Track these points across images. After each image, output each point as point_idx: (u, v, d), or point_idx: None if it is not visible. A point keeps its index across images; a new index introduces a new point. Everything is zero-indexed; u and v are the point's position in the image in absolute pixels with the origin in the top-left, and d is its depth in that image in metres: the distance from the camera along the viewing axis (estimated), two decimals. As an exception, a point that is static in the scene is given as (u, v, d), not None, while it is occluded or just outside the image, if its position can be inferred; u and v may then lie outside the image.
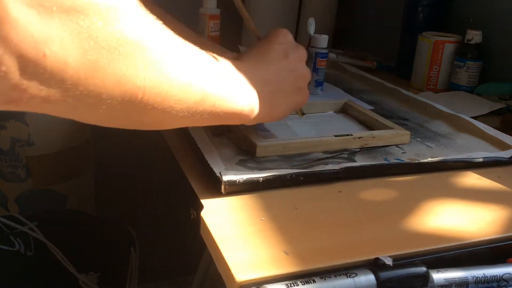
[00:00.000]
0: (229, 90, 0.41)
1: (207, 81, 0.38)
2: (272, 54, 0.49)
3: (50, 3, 0.25)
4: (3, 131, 0.92)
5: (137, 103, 0.32)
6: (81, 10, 0.26)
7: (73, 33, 0.26)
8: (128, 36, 0.29)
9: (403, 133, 0.63)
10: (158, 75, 0.33)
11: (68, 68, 0.27)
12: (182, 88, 0.35)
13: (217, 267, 0.40)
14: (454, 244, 0.42)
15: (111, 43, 0.28)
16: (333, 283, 0.35)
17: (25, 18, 0.24)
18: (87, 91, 0.28)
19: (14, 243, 0.77)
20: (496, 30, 0.89)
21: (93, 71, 0.28)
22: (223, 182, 0.47)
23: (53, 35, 0.25)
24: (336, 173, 0.51)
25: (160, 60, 0.33)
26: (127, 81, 0.30)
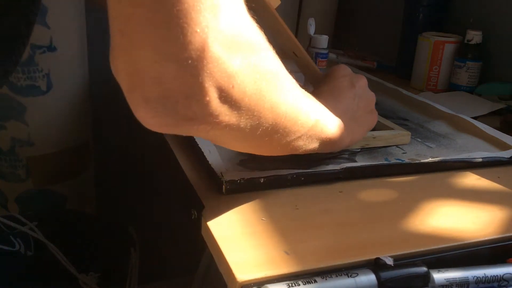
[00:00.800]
0: (328, 119, 0.47)
1: (316, 110, 0.44)
2: (342, 87, 0.55)
3: (237, 45, 0.31)
4: (3, 131, 0.92)
5: (280, 125, 0.38)
6: (253, 49, 0.33)
7: (248, 67, 0.33)
8: (273, 69, 0.36)
9: (403, 134, 0.63)
10: (293, 102, 0.39)
11: (245, 96, 0.33)
12: (305, 112, 0.41)
13: (218, 267, 0.40)
14: (455, 244, 0.42)
15: (268, 75, 0.35)
16: (334, 283, 0.35)
17: (223, 58, 0.30)
18: (253, 116, 0.35)
19: (14, 243, 0.77)
20: (496, 30, 0.90)
21: (258, 99, 0.34)
22: (224, 182, 0.47)
23: (238, 70, 0.32)
24: (337, 173, 0.51)
25: (292, 89, 0.39)
26: (276, 106, 0.37)
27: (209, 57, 0.29)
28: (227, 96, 0.32)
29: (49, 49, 0.90)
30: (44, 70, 0.90)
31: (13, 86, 0.89)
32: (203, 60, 0.29)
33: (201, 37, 0.29)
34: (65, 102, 0.96)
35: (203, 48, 0.29)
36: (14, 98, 0.90)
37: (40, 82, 0.91)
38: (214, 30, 0.29)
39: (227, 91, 0.31)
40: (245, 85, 0.33)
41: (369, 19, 1.27)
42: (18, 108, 0.91)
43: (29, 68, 0.89)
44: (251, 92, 0.33)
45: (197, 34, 0.29)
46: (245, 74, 0.32)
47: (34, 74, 0.90)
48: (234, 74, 0.31)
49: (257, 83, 0.34)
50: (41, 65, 0.90)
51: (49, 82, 0.92)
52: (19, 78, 0.89)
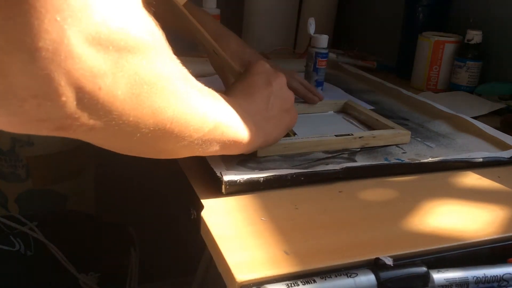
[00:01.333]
0: (232, 121, 0.44)
1: (217, 112, 0.42)
2: (256, 85, 0.52)
3: (107, 42, 0.27)
4: (3, 131, 0.92)
5: (165, 132, 0.35)
6: (131, 50, 0.29)
7: (123, 69, 0.29)
8: (163, 73, 0.33)
9: (403, 133, 0.63)
10: (184, 107, 0.36)
11: (116, 100, 0.29)
12: (200, 117, 0.39)
13: (217, 267, 0.40)
14: (455, 244, 0.42)
15: (152, 79, 0.31)
16: (333, 283, 0.35)
17: (87, 55, 0.26)
18: (128, 121, 0.31)
19: (14, 243, 0.77)
20: (496, 30, 0.89)
21: (135, 104, 0.31)
22: (223, 182, 0.47)
23: (107, 71, 0.28)
24: (337, 173, 0.51)
25: (185, 93, 0.36)
26: (160, 112, 0.33)
27: (69, 51, 0.25)
28: (91, 99, 0.28)
29: (49, 49, 0.90)
30: (44, 70, 0.90)
31: (13, 86, 0.89)
32: (60, 53, 0.25)
33: (61, 27, 0.25)
34: (65, 102, 0.96)
35: (62, 40, 0.25)
36: (14, 98, 0.90)
37: (40, 82, 0.90)
38: (80, 21, 0.25)
39: (91, 93, 0.28)
40: (116, 88, 0.29)
41: (369, 19, 1.27)
42: (18, 108, 0.91)
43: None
44: (125, 96, 0.30)
45: (56, 23, 0.25)
46: (118, 76, 0.29)
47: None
48: (102, 74, 0.28)
49: (134, 87, 0.30)
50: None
51: (49, 82, 0.91)
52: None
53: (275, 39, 1.20)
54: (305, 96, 0.74)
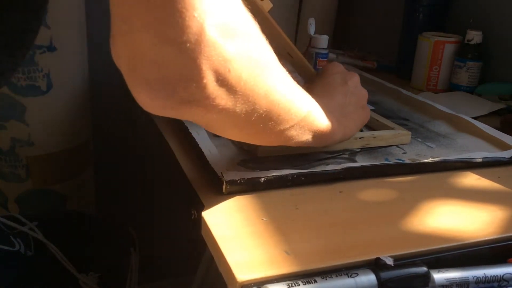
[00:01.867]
0: (320, 112, 0.48)
1: (309, 100, 0.45)
2: (334, 84, 0.56)
3: (233, 30, 0.32)
4: (3, 131, 0.92)
5: (274, 112, 0.39)
6: (249, 36, 0.34)
7: (245, 53, 0.34)
8: (270, 58, 0.38)
9: (404, 133, 0.63)
10: (286, 91, 0.40)
11: (241, 81, 0.34)
12: (298, 103, 0.42)
13: (218, 267, 0.40)
14: (455, 244, 0.42)
15: (264, 63, 0.37)
16: (334, 283, 0.35)
17: (219, 42, 0.31)
18: (248, 101, 0.36)
19: (14, 243, 0.77)
20: (496, 30, 0.90)
21: (253, 85, 0.35)
22: (224, 182, 0.47)
23: (234, 55, 0.33)
24: (337, 173, 0.51)
25: (285, 77, 0.41)
26: (270, 93, 0.38)
27: (206, 41, 0.31)
28: (223, 80, 0.33)
29: (49, 49, 0.90)
30: (44, 70, 0.90)
31: (13, 86, 0.89)
32: (200, 43, 0.30)
33: (199, 21, 0.30)
34: (65, 102, 0.96)
35: (201, 32, 0.30)
36: (14, 98, 0.90)
37: (40, 82, 0.91)
38: (211, 15, 0.30)
39: (224, 75, 0.33)
40: (241, 70, 0.34)
41: (369, 19, 1.27)
42: (18, 108, 0.91)
43: (29, 68, 0.88)
44: (246, 77, 0.34)
45: (194, 19, 0.30)
46: (241, 59, 0.33)
47: (34, 74, 0.90)
48: (230, 58, 0.32)
49: (252, 69, 0.35)
50: (41, 65, 0.90)
51: (49, 82, 0.92)
52: (19, 78, 0.88)
53: (275, 39, 1.20)
54: None
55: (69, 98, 0.97)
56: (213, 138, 0.59)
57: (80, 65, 0.99)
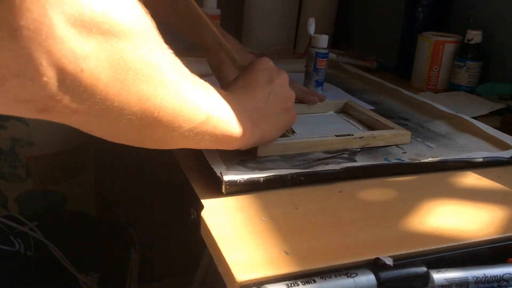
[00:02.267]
0: (227, 115, 0.44)
1: (210, 105, 0.42)
2: (257, 81, 0.52)
3: (91, 25, 0.27)
4: (3, 131, 0.92)
5: (153, 120, 0.35)
6: (116, 34, 0.29)
7: (107, 53, 0.29)
8: (150, 60, 0.33)
9: (404, 133, 0.63)
10: (173, 96, 0.36)
11: (100, 84, 0.29)
12: (191, 108, 0.38)
13: (217, 267, 0.40)
14: (455, 244, 0.42)
15: (137, 65, 0.31)
16: (333, 283, 0.35)
17: (69, 36, 0.27)
18: (113, 106, 0.31)
19: (14, 243, 0.77)
20: (496, 30, 0.89)
21: (120, 89, 0.31)
22: (223, 182, 0.47)
23: (90, 53, 0.28)
24: (337, 173, 0.51)
25: (174, 82, 0.36)
26: (147, 99, 0.33)
27: (50, 31, 0.26)
28: (73, 81, 0.28)
29: (49, 49, 0.90)
30: (44, 70, 0.90)
31: (13, 86, 0.89)
32: (41, 33, 0.25)
33: (43, 6, 0.25)
34: (65, 102, 0.96)
35: (43, 19, 0.25)
36: (14, 98, 0.90)
37: (40, 82, 0.90)
38: (63, 2, 0.26)
39: (74, 74, 0.28)
40: (99, 71, 0.29)
41: (369, 19, 1.27)
42: (18, 108, 0.91)
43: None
44: (108, 80, 0.30)
45: (38, 2, 0.25)
46: (102, 59, 0.29)
47: (34, 74, 0.89)
48: (84, 56, 0.28)
49: (118, 72, 0.30)
50: (41, 65, 0.90)
51: (49, 82, 0.91)
52: (19, 78, 0.88)
53: (275, 39, 1.20)
54: (304, 98, 0.74)
55: (69, 98, 0.97)
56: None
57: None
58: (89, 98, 0.30)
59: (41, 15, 0.25)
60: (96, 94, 0.30)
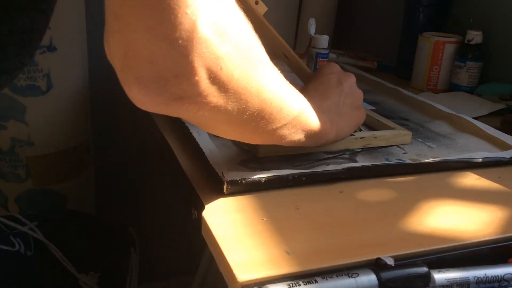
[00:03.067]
0: (312, 112, 0.48)
1: (301, 101, 0.46)
2: (329, 84, 0.56)
3: (225, 28, 0.33)
4: (3, 131, 0.92)
5: (266, 112, 0.40)
6: (242, 35, 0.35)
7: (237, 52, 0.34)
8: (263, 57, 0.39)
9: (404, 133, 0.63)
10: (278, 90, 0.41)
11: (233, 79, 0.35)
12: (289, 103, 0.43)
13: (218, 267, 0.40)
14: (456, 244, 0.42)
15: (256, 62, 0.37)
16: (334, 283, 0.35)
17: (211, 39, 0.32)
18: (240, 99, 0.36)
19: (14, 243, 0.77)
20: (496, 30, 0.90)
21: (245, 83, 0.36)
22: (225, 182, 0.47)
23: (226, 53, 0.33)
24: (338, 173, 0.51)
25: (278, 77, 0.41)
26: (262, 92, 0.38)
27: (199, 38, 0.31)
28: (215, 78, 0.33)
29: (49, 49, 0.90)
30: (44, 70, 0.90)
31: (13, 86, 0.89)
32: (192, 40, 0.31)
33: (191, 19, 0.30)
34: (65, 102, 0.96)
35: (193, 29, 0.31)
36: (14, 98, 0.90)
37: (40, 82, 0.91)
38: (203, 13, 0.31)
39: (216, 72, 0.33)
40: (232, 68, 0.34)
41: (369, 19, 1.27)
42: (18, 108, 0.91)
43: (29, 68, 0.88)
44: (238, 75, 0.35)
45: (187, 16, 0.30)
46: (233, 58, 0.34)
47: (34, 74, 0.90)
48: (222, 56, 0.33)
49: (244, 68, 0.35)
50: (41, 65, 0.90)
51: (49, 82, 0.92)
52: (19, 78, 0.88)
53: (275, 39, 1.20)
54: None
55: (69, 98, 0.97)
56: (214, 138, 0.59)
57: (80, 65, 0.99)
58: (225, 92, 0.35)
59: (191, 26, 0.31)
60: (230, 89, 0.35)
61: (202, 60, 0.32)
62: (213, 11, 0.32)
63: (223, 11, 0.33)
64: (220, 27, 0.32)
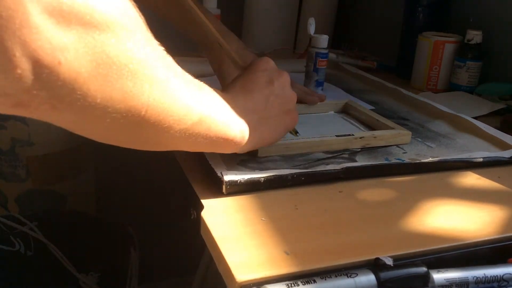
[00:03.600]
0: (222, 117, 0.42)
1: (204, 105, 0.40)
2: (257, 82, 0.50)
3: (70, 15, 0.26)
4: (3, 131, 0.92)
5: (140, 119, 0.33)
6: (98, 26, 0.27)
7: (88, 46, 0.27)
8: (137, 55, 0.31)
9: (404, 133, 0.63)
10: (161, 95, 0.34)
11: (80, 78, 0.27)
12: (181, 108, 0.36)
13: (217, 267, 0.40)
14: (455, 244, 0.42)
15: (122, 60, 0.29)
16: (333, 283, 0.35)
17: (45, 25, 0.25)
18: (95, 103, 0.29)
19: (14, 243, 0.77)
20: (496, 30, 0.89)
21: (102, 85, 0.29)
22: (224, 182, 0.47)
23: (69, 45, 0.26)
24: (337, 173, 0.51)
25: (164, 80, 0.34)
26: (132, 96, 0.31)
27: (25, 19, 0.24)
28: (50, 73, 0.26)
29: (49, 49, 0.90)
30: (44, 70, 0.90)
31: (13, 86, 0.89)
32: (14, 21, 0.24)
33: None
34: (65, 102, 0.96)
35: (17, 6, 0.24)
36: (14, 98, 0.90)
37: (40, 82, 0.90)
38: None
39: (50, 67, 0.26)
40: (79, 64, 0.27)
41: (369, 19, 1.27)
42: (18, 108, 0.91)
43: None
44: (89, 74, 0.28)
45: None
46: (82, 52, 0.27)
47: (34, 74, 0.89)
48: (62, 48, 0.26)
49: (101, 66, 0.28)
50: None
51: (49, 82, 0.91)
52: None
53: (275, 39, 1.20)
54: (304, 98, 0.74)
55: (69, 98, 0.97)
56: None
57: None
58: (68, 93, 0.28)
59: (14, 2, 0.23)
60: (76, 90, 0.28)
61: (29, 49, 0.24)
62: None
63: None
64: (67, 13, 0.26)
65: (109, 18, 0.28)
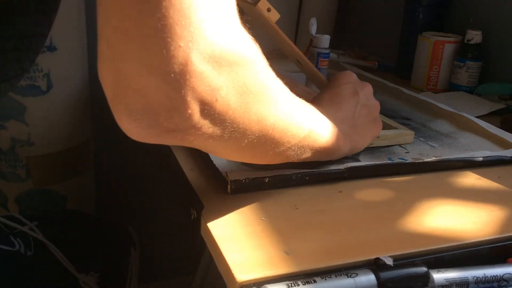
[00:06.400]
0: (323, 128, 0.47)
1: (310, 119, 0.44)
2: (343, 95, 0.54)
3: (221, 59, 0.31)
4: (3, 131, 0.92)
5: (268, 137, 0.38)
6: (240, 63, 0.33)
7: (234, 81, 0.33)
8: (265, 82, 0.36)
9: (407, 133, 0.63)
10: (283, 114, 0.39)
11: (229, 109, 0.33)
12: (296, 124, 0.41)
13: (217, 267, 0.40)
14: (455, 244, 0.42)
15: (256, 88, 0.35)
16: (333, 283, 0.35)
17: (206, 72, 0.30)
18: (238, 128, 0.35)
19: (14, 243, 0.77)
20: (496, 30, 0.89)
21: (244, 112, 0.34)
22: (229, 182, 0.46)
23: (222, 84, 0.32)
24: (341, 173, 0.51)
25: (283, 101, 0.39)
26: (263, 119, 0.37)
27: (192, 71, 0.30)
28: (210, 110, 0.32)
29: (49, 49, 0.90)
30: (44, 70, 0.90)
31: (13, 86, 0.89)
32: (185, 74, 0.29)
33: (185, 51, 0.29)
34: (65, 102, 0.96)
35: (186, 62, 0.29)
36: (14, 98, 0.90)
37: (40, 82, 0.91)
38: (198, 45, 0.29)
39: (210, 104, 0.32)
40: (229, 98, 0.33)
41: (369, 19, 1.27)
42: (18, 108, 0.91)
43: (29, 68, 0.89)
44: (236, 105, 0.33)
45: (180, 49, 0.29)
46: (230, 88, 0.32)
47: (34, 74, 0.90)
48: (218, 87, 0.31)
49: (242, 97, 0.34)
50: (41, 65, 0.90)
51: (49, 82, 0.92)
52: (19, 78, 0.88)
53: (275, 39, 1.20)
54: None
55: (69, 98, 0.97)
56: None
57: (80, 65, 0.99)
58: (221, 123, 0.33)
59: (184, 60, 0.29)
60: (227, 119, 0.33)
61: (196, 93, 0.30)
62: (210, 41, 0.30)
63: (220, 38, 0.31)
64: (217, 57, 0.31)
65: (245, 55, 0.33)
